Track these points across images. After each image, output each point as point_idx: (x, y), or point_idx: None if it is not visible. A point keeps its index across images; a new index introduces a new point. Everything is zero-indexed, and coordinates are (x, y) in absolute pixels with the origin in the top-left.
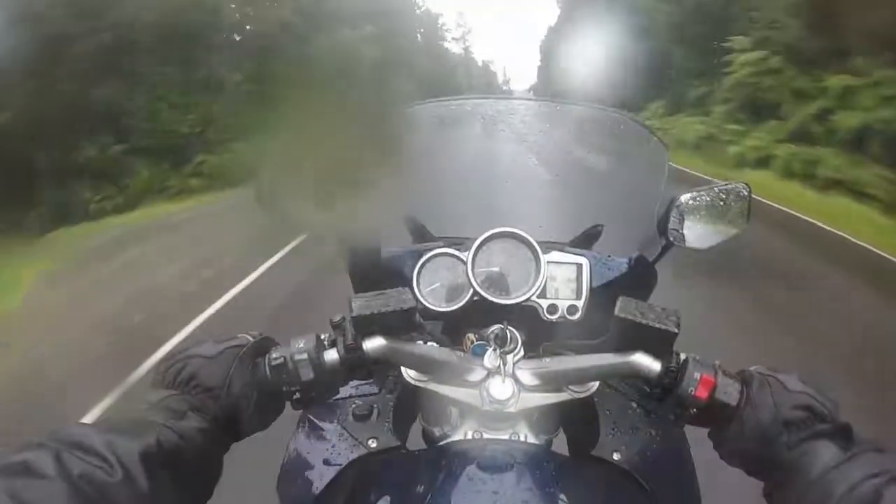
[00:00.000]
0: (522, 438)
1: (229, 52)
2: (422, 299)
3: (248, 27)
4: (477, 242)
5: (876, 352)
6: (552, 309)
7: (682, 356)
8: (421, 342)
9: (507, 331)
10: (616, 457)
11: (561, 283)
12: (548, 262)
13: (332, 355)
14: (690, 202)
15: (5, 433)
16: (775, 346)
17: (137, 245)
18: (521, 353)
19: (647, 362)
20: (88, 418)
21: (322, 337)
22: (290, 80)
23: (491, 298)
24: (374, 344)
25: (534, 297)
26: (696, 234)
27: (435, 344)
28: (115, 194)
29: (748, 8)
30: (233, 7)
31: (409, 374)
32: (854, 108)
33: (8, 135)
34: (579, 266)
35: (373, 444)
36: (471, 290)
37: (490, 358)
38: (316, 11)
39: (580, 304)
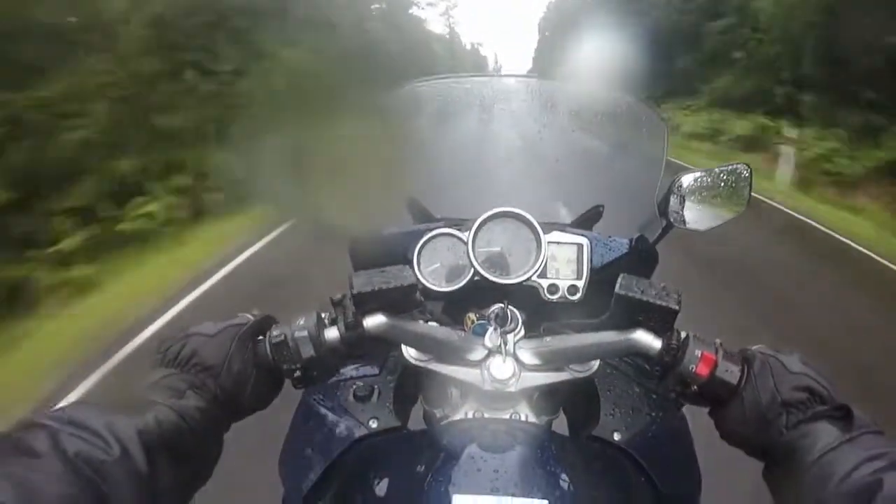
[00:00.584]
0: (523, 418)
1: None
2: (422, 279)
3: None
4: (477, 222)
5: None
6: (553, 289)
7: (683, 334)
8: (421, 321)
9: (508, 310)
10: (616, 437)
11: (562, 263)
12: (548, 242)
13: (332, 333)
14: (691, 183)
15: None
16: None
17: None
18: (522, 332)
19: (647, 340)
20: None
21: (323, 315)
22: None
23: (491, 278)
24: (374, 321)
25: (534, 277)
26: (697, 215)
27: (435, 323)
28: None
29: None
30: None
31: (409, 353)
32: None
33: None
34: (580, 246)
35: (374, 424)
36: (471, 270)
37: (491, 337)
38: None
39: (581, 284)
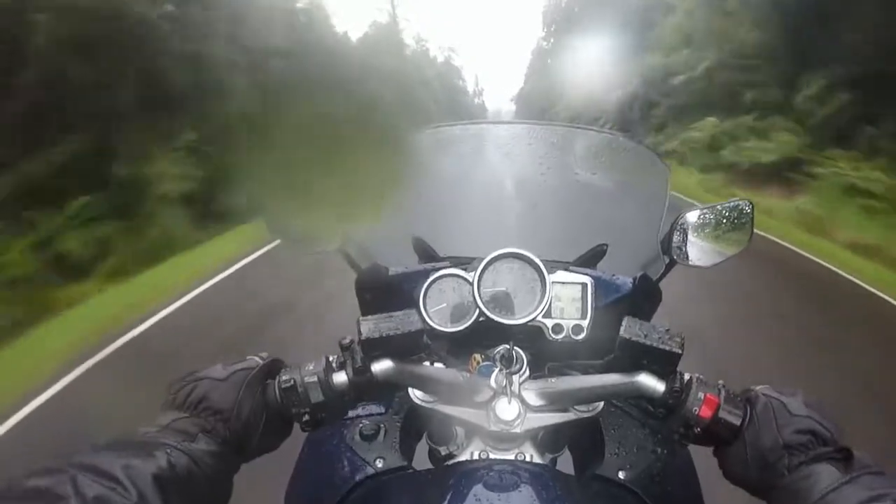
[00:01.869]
0: (528, 458)
1: None
2: (428, 320)
3: None
4: (483, 263)
5: None
6: (557, 329)
7: (687, 376)
8: (428, 363)
9: (513, 351)
10: (621, 476)
11: (566, 302)
12: (553, 281)
13: (340, 377)
14: (694, 220)
15: None
16: None
17: None
18: (527, 373)
19: (651, 383)
20: None
21: (331, 359)
22: None
23: (497, 319)
24: (382, 366)
25: (539, 317)
26: (700, 252)
27: (441, 365)
28: None
29: None
30: None
31: (415, 394)
32: None
33: None
34: (584, 286)
35: (379, 464)
36: (477, 311)
37: (496, 378)
38: None
39: (585, 323)
